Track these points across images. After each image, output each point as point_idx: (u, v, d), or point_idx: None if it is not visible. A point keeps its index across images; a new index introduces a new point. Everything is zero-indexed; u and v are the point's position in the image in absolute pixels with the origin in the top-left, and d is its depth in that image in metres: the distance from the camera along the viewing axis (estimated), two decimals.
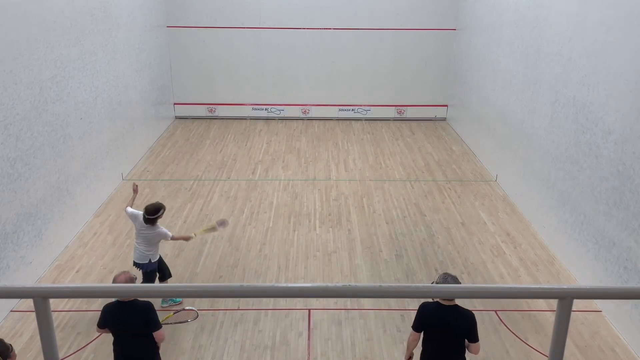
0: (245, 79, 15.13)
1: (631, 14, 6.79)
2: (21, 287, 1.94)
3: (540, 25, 9.38)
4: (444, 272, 4.97)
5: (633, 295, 2.04)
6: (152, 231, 6.72)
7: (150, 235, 6.73)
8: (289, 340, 6.66)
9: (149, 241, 6.76)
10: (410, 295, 2.01)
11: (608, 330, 6.91)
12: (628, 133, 6.76)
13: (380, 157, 12.69)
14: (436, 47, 14.96)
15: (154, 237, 6.75)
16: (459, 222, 9.59)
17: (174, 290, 2.65)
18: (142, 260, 6.83)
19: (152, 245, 6.79)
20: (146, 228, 6.71)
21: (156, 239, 6.78)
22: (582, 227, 7.81)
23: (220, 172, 11.64)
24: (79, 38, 9.18)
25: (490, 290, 2.75)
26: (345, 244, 8.85)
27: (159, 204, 6.77)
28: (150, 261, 6.83)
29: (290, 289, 1.98)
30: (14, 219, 7.19)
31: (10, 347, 4.42)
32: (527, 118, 9.86)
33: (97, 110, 9.92)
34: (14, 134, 7.20)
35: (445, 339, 4.79)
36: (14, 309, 7.08)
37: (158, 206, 6.72)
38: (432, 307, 4.83)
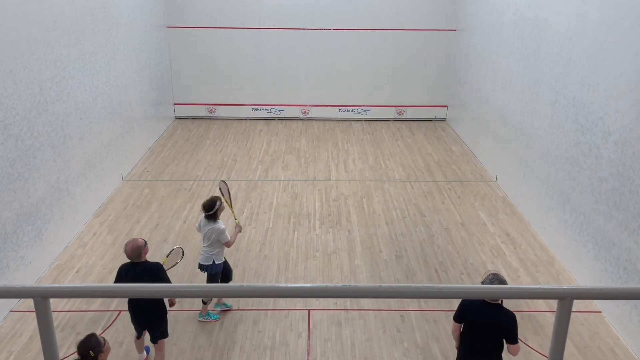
0: (245, 79, 15.14)
1: (631, 14, 6.79)
2: (21, 287, 1.94)
3: (540, 26, 9.38)
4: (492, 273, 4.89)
5: (633, 296, 2.04)
6: (211, 227, 6.54)
7: (210, 232, 6.53)
8: (288, 340, 6.66)
9: (210, 240, 6.57)
10: (410, 296, 2.01)
11: (608, 331, 6.91)
12: (628, 134, 6.76)
13: (380, 158, 12.70)
14: (436, 48, 14.96)
15: (213, 234, 6.52)
16: (459, 223, 9.60)
17: (173, 290, 2.65)
18: (206, 262, 6.67)
19: (214, 246, 6.59)
20: (207, 224, 6.56)
21: (215, 237, 6.54)
22: (582, 227, 7.81)
23: (220, 173, 11.64)
24: (79, 38, 9.18)
25: (490, 291, 2.75)
26: (345, 244, 8.85)
27: (214, 197, 6.63)
28: (214, 262, 6.65)
29: (290, 289, 1.98)
30: (13, 219, 7.19)
31: (104, 341, 4.55)
32: (527, 118, 9.86)
33: (97, 110, 9.92)
34: (13, 134, 7.20)
35: (483, 335, 4.81)
36: (14, 309, 7.08)
37: (213, 200, 6.58)
38: (474, 301, 4.81)
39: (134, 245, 5.65)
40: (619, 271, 6.90)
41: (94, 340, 4.46)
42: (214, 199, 6.60)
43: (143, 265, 5.71)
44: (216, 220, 6.58)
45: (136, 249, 5.64)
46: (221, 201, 6.66)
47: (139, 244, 5.67)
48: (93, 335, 4.53)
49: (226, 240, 6.61)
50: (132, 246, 5.65)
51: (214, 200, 6.59)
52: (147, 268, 5.70)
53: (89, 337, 4.52)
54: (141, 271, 5.65)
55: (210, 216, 6.56)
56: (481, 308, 4.80)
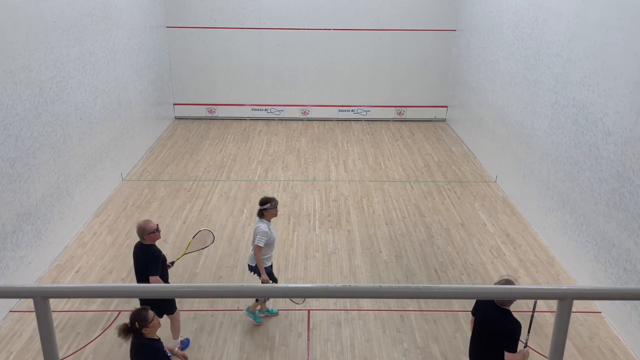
0: (245, 79, 15.14)
1: (631, 15, 6.79)
2: (21, 287, 1.94)
3: (540, 27, 9.39)
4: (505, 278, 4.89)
5: (632, 297, 2.04)
6: (256, 225, 6.36)
7: (255, 231, 6.35)
8: (288, 341, 6.66)
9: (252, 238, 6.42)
10: (409, 296, 2.01)
11: (607, 332, 6.91)
12: (628, 134, 6.77)
13: (379, 158, 12.70)
14: (436, 48, 14.96)
15: (254, 233, 6.34)
16: (459, 223, 9.60)
17: (172, 290, 2.65)
18: (252, 262, 6.52)
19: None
20: (257, 222, 6.41)
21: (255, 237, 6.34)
22: (582, 228, 7.81)
23: (220, 173, 11.64)
24: (79, 38, 9.18)
25: (489, 291, 2.76)
26: (344, 244, 8.85)
27: (270, 197, 6.48)
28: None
29: (290, 289, 1.98)
30: (13, 219, 7.19)
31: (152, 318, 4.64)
32: (526, 119, 9.87)
33: (97, 110, 9.92)
34: (13, 134, 7.20)
35: (486, 335, 4.88)
36: (14, 309, 7.08)
37: (265, 198, 6.44)
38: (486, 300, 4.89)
39: (141, 225, 5.91)
40: (618, 272, 6.90)
41: (143, 315, 4.61)
42: (269, 198, 6.47)
43: (145, 248, 5.92)
44: (261, 220, 6.40)
45: (140, 230, 5.88)
46: (273, 204, 6.43)
47: (144, 226, 5.87)
48: (145, 309, 4.67)
49: (258, 243, 6.28)
50: (139, 226, 5.92)
51: (268, 199, 6.45)
52: (145, 252, 5.90)
53: (140, 310, 4.67)
54: (140, 253, 5.94)
55: (259, 213, 6.42)
56: (490, 309, 4.84)
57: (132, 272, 7.90)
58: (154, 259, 5.87)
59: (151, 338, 4.67)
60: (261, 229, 6.30)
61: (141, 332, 4.59)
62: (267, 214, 6.41)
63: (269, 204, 6.38)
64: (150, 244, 5.93)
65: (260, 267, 6.40)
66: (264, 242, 6.30)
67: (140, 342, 4.63)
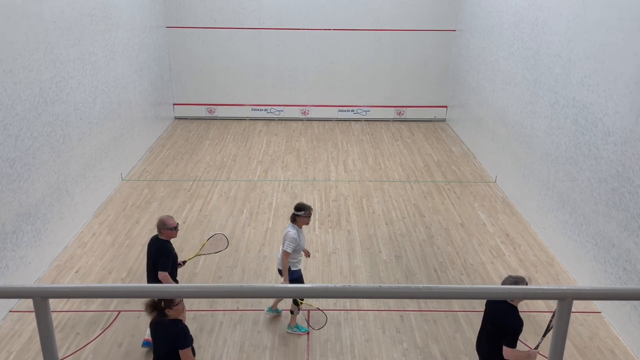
0: (245, 79, 15.14)
1: (630, 16, 6.80)
2: (21, 287, 1.94)
3: (539, 27, 9.39)
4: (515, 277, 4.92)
5: (632, 297, 2.04)
6: (287, 230, 6.36)
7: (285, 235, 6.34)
8: (288, 341, 6.66)
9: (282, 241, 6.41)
10: (409, 296, 2.01)
11: (607, 332, 6.91)
12: (627, 134, 6.77)
13: (379, 158, 12.70)
14: (436, 48, 14.96)
15: (284, 238, 6.35)
16: (459, 223, 9.60)
17: (172, 291, 2.64)
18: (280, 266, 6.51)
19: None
20: (287, 227, 6.39)
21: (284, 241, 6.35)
22: (582, 228, 7.81)
23: (220, 173, 11.64)
24: (79, 38, 9.18)
25: (489, 291, 2.76)
26: (344, 244, 8.85)
27: (305, 204, 6.43)
28: (289, 269, 6.41)
29: (290, 289, 1.98)
30: (13, 219, 7.18)
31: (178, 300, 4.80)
32: (526, 119, 9.87)
33: (97, 110, 9.92)
34: (13, 134, 7.20)
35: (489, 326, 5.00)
36: (13, 309, 7.08)
37: (302, 205, 6.42)
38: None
39: (162, 219, 6.04)
40: (618, 272, 6.90)
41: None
42: (305, 205, 6.42)
43: (160, 242, 6.04)
44: (292, 225, 6.38)
45: (161, 223, 6.00)
46: (308, 212, 6.39)
47: (165, 220, 6.00)
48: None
49: (285, 249, 6.27)
50: (161, 219, 6.04)
51: (304, 206, 6.40)
52: (158, 246, 6.02)
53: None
54: (154, 246, 6.06)
55: (292, 217, 6.40)
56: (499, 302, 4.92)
57: (132, 273, 7.93)
58: (165, 255, 5.97)
59: (174, 319, 4.79)
60: (290, 235, 6.30)
61: (165, 312, 4.73)
62: (300, 221, 6.40)
63: (304, 211, 6.37)
64: (165, 240, 6.05)
65: (284, 272, 6.40)
66: (292, 248, 6.29)
67: (163, 321, 4.77)
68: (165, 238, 6.04)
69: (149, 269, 6.13)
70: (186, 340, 4.72)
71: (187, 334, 4.77)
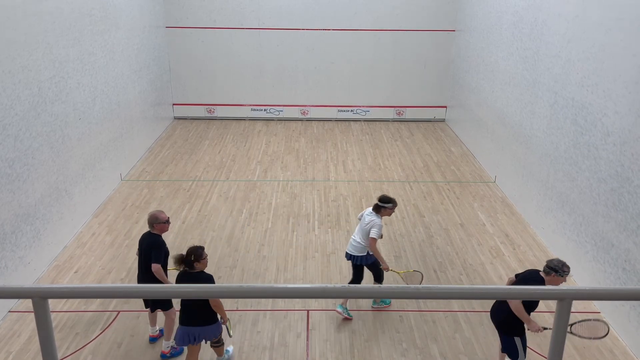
0: (244, 79, 15.14)
1: (630, 16, 6.80)
2: (20, 287, 1.94)
3: (539, 27, 9.39)
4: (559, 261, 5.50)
5: (631, 297, 2.04)
6: (373, 218, 6.67)
7: (371, 223, 6.65)
8: (287, 341, 6.66)
9: (365, 232, 6.71)
10: (408, 297, 2.01)
11: None
12: (627, 135, 6.77)
13: (379, 158, 12.70)
14: (435, 49, 14.97)
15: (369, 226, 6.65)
16: (458, 223, 9.60)
17: (171, 291, 2.65)
18: (359, 253, 6.80)
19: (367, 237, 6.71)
20: (370, 215, 6.72)
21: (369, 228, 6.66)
22: (581, 228, 7.82)
23: (219, 173, 11.64)
24: (78, 38, 9.18)
25: (489, 292, 2.75)
26: (344, 244, 8.84)
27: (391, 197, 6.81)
28: (368, 253, 6.80)
29: (289, 289, 1.98)
30: (12, 219, 7.18)
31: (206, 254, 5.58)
32: (526, 119, 9.87)
33: (96, 110, 9.91)
34: (12, 134, 7.20)
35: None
36: (12, 309, 7.07)
37: (388, 197, 6.78)
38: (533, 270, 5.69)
39: (154, 214, 6.11)
40: (617, 272, 6.90)
41: (199, 251, 5.54)
42: (392, 198, 6.80)
43: (152, 236, 6.09)
44: (376, 215, 6.73)
45: (152, 217, 6.08)
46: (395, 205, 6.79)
47: (156, 215, 6.08)
48: (201, 247, 5.60)
49: (373, 235, 6.62)
50: (152, 214, 6.11)
51: (391, 199, 6.77)
52: (151, 241, 6.05)
53: (197, 246, 5.61)
54: (145, 241, 6.10)
55: (376, 208, 6.73)
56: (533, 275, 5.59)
57: (131, 273, 7.92)
58: (157, 248, 6.03)
59: (201, 270, 5.56)
60: (377, 222, 6.65)
61: (193, 265, 5.50)
62: (384, 212, 6.75)
63: (391, 204, 6.74)
64: (157, 234, 6.11)
65: (379, 257, 6.77)
66: (379, 235, 6.67)
67: (192, 273, 5.52)
68: (158, 232, 6.11)
69: (141, 264, 6.17)
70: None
71: (213, 282, 5.66)
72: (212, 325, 5.66)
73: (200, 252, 5.53)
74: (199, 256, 5.50)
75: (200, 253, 5.52)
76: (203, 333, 5.65)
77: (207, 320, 5.62)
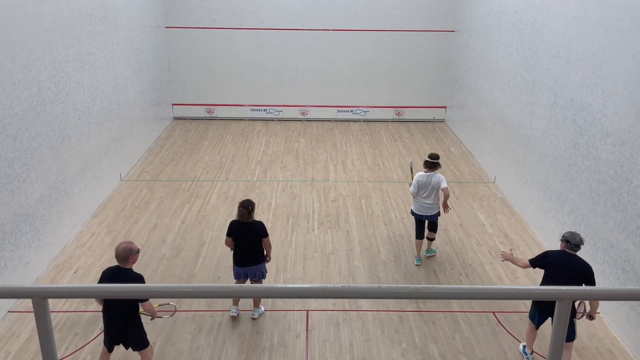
0: (244, 79, 15.14)
1: (629, 16, 6.80)
2: (20, 287, 1.94)
3: (538, 28, 9.40)
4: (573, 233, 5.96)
5: (630, 297, 2.04)
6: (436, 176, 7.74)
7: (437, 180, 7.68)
8: (286, 341, 6.66)
9: (434, 191, 7.72)
10: (408, 297, 2.01)
11: (606, 332, 6.91)
12: (626, 135, 6.78)
13: (378, 159, 12.70)
14: (435, 49, 14.97)
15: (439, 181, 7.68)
16: (457, 224, 9.60)
17: (171, 291, 2.64)
18: (432, 212, 7.90)
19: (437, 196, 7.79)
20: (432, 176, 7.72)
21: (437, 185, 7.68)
22: (580, 228, 7.82)
23: (219, 173, 11.64)
24: (78, 39, 9.18)
25: (488, 292, 2.76)
26: (343, 245, 8.85)
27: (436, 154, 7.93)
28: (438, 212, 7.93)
29: (289, 289, 1.98)
30: (11, 219, 7.18)
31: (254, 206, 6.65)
32: (525, 120, 9.87)
33: (96, 110, 9.91)
34: (12, 134, 7.19)
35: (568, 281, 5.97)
36: (12, 309, 7.07)
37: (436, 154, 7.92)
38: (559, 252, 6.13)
39: (127, 246, 5.46)
40: (617, 272, 6.90)
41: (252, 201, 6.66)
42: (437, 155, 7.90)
43: (125, 272, 5.45)
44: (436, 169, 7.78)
45: (127, 250, 5.44)
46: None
47: (131, 247, 5.48)
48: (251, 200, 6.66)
49: (445, 186, 7.70)
50: (125, 247, 5.45)
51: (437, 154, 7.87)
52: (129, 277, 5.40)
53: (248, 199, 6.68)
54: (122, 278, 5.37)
55: (434, 165, 7.73)
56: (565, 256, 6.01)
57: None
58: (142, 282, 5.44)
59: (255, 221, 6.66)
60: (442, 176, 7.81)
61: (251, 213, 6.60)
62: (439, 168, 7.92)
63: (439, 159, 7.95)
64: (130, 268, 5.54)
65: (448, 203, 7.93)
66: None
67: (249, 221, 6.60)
68: (131, 266, 5.52)
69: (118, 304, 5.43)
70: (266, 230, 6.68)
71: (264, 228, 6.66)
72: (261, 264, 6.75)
73: (252, 203, 6.61)
74: (252, 206, 6.58)
75: (253, 203, 6.60)
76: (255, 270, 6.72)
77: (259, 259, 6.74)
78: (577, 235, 5.91)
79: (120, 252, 5.44)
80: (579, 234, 5.96)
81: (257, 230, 6.61)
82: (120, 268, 5.47)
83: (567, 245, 5.94)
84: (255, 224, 6.62)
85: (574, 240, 5.88)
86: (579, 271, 5.80)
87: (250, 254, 6.66)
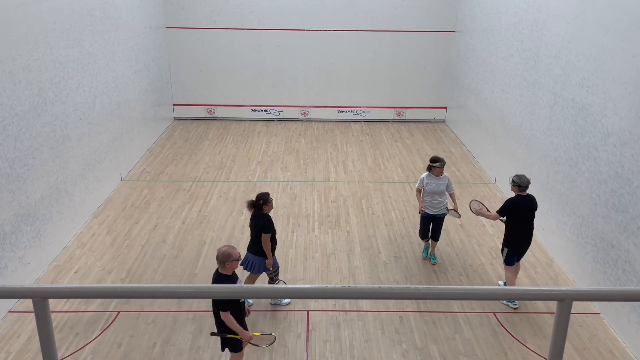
0: (245, 80, 15.14)
1: (630, 17, 6.80)
2: (21, 287, 1.94)
3: (539, 28, 9.40)
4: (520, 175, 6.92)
5: (631, 298, 2.04)
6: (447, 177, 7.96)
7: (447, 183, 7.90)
8: (287, 341, 6.66)
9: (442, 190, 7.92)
10: (408, 297, 2.01)
11: (606, 333, 6.91)
12: (627, 136, 6.77)
13: (379, 159, 12.70)
14: (435, 49, 14.97)
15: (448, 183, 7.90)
16: (458, 224, 9.60)
17: (171, 291, 2.65)
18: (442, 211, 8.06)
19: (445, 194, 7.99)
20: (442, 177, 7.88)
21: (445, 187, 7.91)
22: (581, 229, 7.82)
23: (219, 173, 11.64)
24: (78, 39, 9.18)
25: (488, 292, 2.76)
26: (344, 245, 8.85)
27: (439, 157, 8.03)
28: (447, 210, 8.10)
29: (289, 290, 1.98)
30: (12, 219, 7.18)
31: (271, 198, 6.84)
32: (526, 120, 9.87)
33: (96, 111, 9.92)
34: (12, 134, 7.20)
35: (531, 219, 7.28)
36: (12, 309, 7.07)
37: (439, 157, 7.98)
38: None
39: (226, 251, 5.32)
40: (617, 273, 6.90)
41: (265, 195, 6.80)
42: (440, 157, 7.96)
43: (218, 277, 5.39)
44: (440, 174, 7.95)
45: (226, 255, 5.28)
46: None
47: (230, 252, 5.30)
48: (267, 193, 6.85)
49: (452, 191, 8.03)
50: (224, 251, 5.30)
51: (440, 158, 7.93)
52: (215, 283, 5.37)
53: (264, 193, 6.86)
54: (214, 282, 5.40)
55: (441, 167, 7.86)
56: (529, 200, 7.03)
57: (131, 273, 7.94)
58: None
59: (265, 213, 6.78)
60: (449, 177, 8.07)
61: (262, 207, 6.75)
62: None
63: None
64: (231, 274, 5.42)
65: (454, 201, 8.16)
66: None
67: (260, 214, 6.77)
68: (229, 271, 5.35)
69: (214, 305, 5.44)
70: (269, 227, 6.69)
71: (270, 223, 6.73)
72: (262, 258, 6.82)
73: (267, 196, 6.79)
74: (265, 199, 6.74)
75: (267, 197, 6.77)
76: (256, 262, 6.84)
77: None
78: (524, 177, 7.00)
79: (220, 255, 5.31)
80: (525, 175, 7.07)
81: (257, 223, 6.78)
82: (216, 272, 5.39)
83: (519, 189, 7.01)
84: (260, 217, 6.78)
85: (524, 184, 6.96)
86: (533, 206, 7.13)
87: (254, 241, 6.85)
